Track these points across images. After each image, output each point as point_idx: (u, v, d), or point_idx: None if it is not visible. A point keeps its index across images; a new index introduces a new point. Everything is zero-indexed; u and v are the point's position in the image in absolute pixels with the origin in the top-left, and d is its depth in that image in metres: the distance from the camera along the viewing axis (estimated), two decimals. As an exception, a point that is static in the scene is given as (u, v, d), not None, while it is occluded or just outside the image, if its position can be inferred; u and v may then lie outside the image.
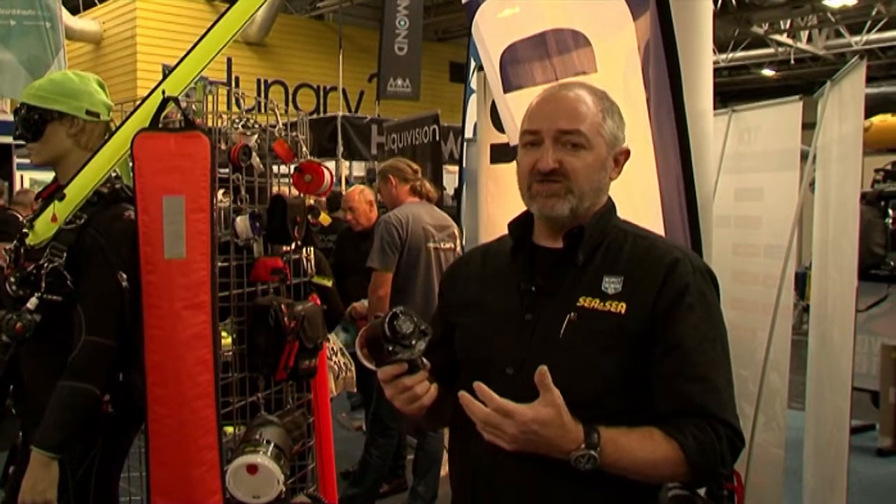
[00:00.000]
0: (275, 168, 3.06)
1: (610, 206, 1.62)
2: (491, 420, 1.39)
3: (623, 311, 1.47)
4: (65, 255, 2.20)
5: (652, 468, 1.42)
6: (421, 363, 1.47)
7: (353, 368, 4.97)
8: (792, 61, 16.10)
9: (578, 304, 1.49)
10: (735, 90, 18.58)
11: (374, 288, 4.23)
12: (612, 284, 1.49)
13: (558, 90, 1.60)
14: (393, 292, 4.20)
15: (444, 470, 4.37)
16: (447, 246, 4.38)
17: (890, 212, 5.94)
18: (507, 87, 2.83)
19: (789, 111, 3.54)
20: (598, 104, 1.56)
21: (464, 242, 4.79)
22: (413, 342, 1.44)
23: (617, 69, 2.39)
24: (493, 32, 2.87)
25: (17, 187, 9.48)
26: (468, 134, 5.83)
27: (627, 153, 1.61)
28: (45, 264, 2.18)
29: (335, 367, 4.61)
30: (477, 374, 1.54)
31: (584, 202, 1.53)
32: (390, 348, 1.44)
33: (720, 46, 15.83)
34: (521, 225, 1.63)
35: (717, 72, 15.62)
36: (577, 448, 1.37)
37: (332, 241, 5.62)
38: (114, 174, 2.36)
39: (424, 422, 1.64)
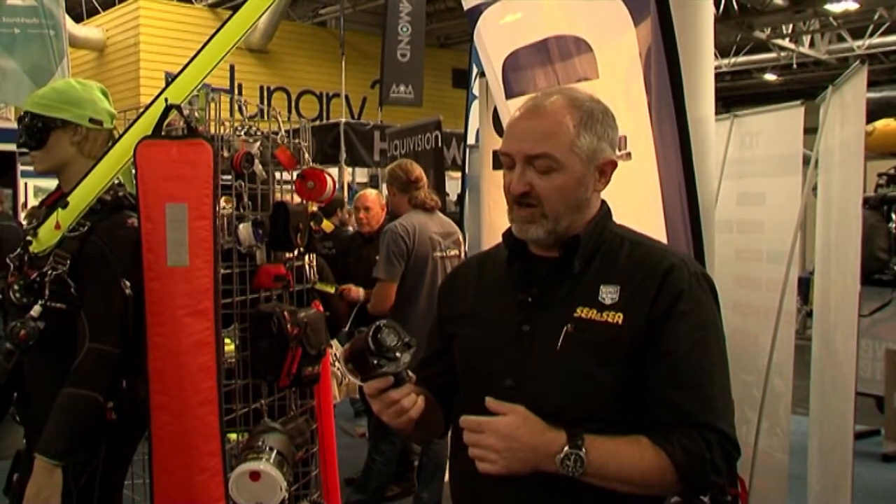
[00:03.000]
0: (277, 175, 3.07)
1: (605, 212, 1.60)
2: (470, 440, 1.40)
3: (620, 322, 1.45)
4: (68, 262, 2.20)
5: (639, 476, 1.39)
6: (406, 376, 1.46)
7: (356, 375, 4.95)
8: (794, 66, 16.12)
9: (575, 314, 1.47)
10: (738, 95, 18.58)
11: (378, 299, 4.21)
12: (608, 294, 1.47)
13: (534, 104, 1.55)
14: (398, 301, 4.19)
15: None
16: (452, 253, 4.38)
17: (893, 216, 5.93)
18: (510, 94, 2.84)
19: (791, 116, 3.55)
20: (575, 118, 1.50)
21: (467, 248, 4.80)
22: (398, 355, 1.43)
23: (618, 75, 2.39)
24: (495, 39, 2.88)
25: (22, 195, 9.51)
26: (471, 140, 5.84)
27: (614, 164, 1.56)
28: (49, 272, 2.18)
29: (338, 373, 4.61)
30: (477, 387, 1.54)
31: (560, 223, 1.51)
32: (375, 362, 1.43)
33: (722, 51, 15.84)
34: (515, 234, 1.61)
35: (720, 77, 15.66)
36: (562, 450, 1.36)
37: (328, 247, 5.62)
38: (117, 182, 2.37)
39: (414, 434, 1.63)
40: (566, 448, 1.36)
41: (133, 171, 2.35)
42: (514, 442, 1.38)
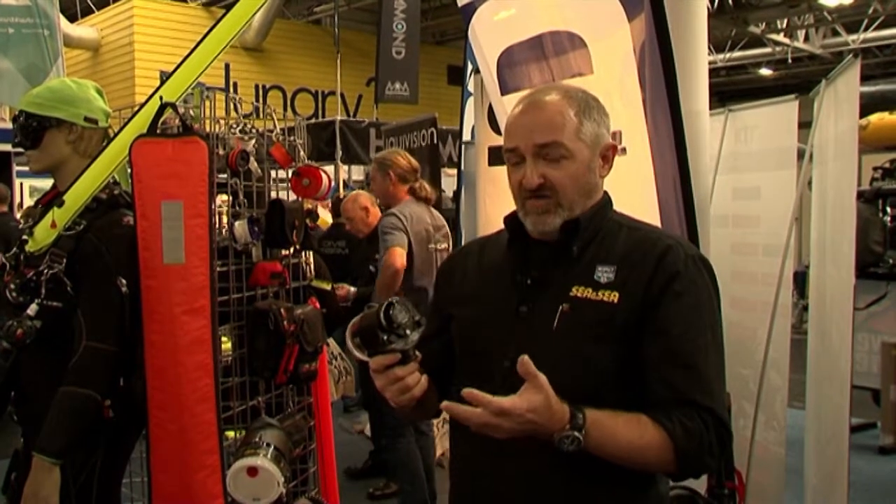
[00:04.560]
0: (273, 173, 3.07)
1: (606, 201, 1.62)
2: (490, 422, 1.39)
3: (616, 301, 1.47)
4: (64, 261, 2.20)
5: (637, 453, 1.41)
6: (413, 354, 1.48)
7: (352, 373, 4.97)
8: (789, 60, 16.13)
9: (571, 294, 1.50)
10: (733, 90, 18.61)
11: (387, 263, 4.05)
12: (604, 273, 1.50)
13: (532, 99, 1.59)
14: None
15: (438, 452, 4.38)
16: (442, 247, 4.36)
17: (888, 209, 5.95)
18: (505, 90, 2.84)
19: (785, 110, 3.55)
20: (574, 107, 1.55)
21: (462, 245, 4.79)
22: (408, 332, 1.45)
23: (613, 70, 2.40)
24: (489, 35, 2.88)
25: (17, 195, 9.49)
26: (466, 137, 5.84)
27: (615, 148, 1.61)
28: (45, 270, 2.19)
29: (335, 370, 4.61)
30: (475, 366, 1.57)
31: (574, 210, 1.54)
32: (385, 337, 1.44)
33: (717, 46, 15.86)
34: (517, 218, 1.62)
35: (715, 72, 15.67)
36: (562, 429, 1.36)
37: (341, 246, 5.63)
38: (112, 180, 2.37)
39: (413, 413, 1.65)
40: (566, 428, 1.37)
41: (128, 169, 2.35)
42: (529, 423, 1.36)
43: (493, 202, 3.49)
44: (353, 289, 4.66)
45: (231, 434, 2.76)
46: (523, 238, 1.61)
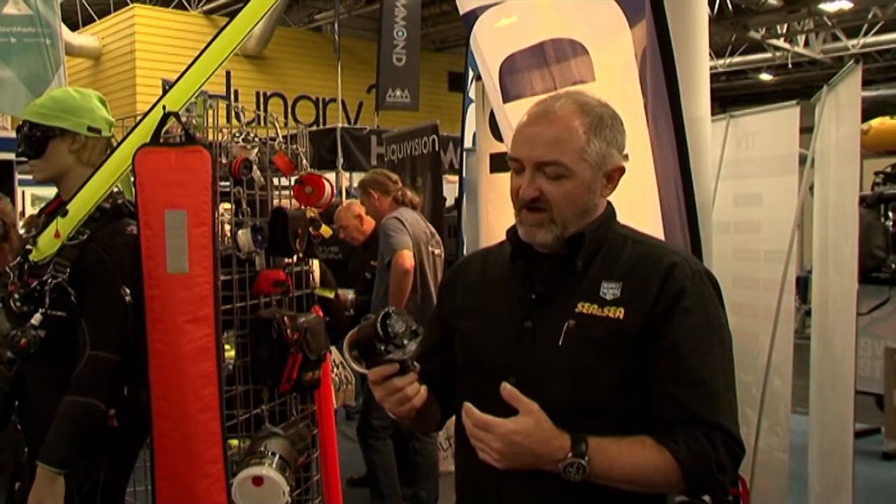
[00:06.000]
0: (275, 181, 3.07)
1: (610, 213, 1.61)
2: (474, 435, 1.40)
3: (621, 317, 1.46)
4: (68, 270, 2.20)
5: (643, 477, 1.41)
6: (412, 364, 1.47)
7: (353, 382, 4.98)
8: (790, 65, 16.15)
9: (577, 310, 1.49)
10: (734, 95, 18.63)
11: (397, 265, 4.09)
12: (610, 290, 1.48)
13: (544, 109, 1.55)
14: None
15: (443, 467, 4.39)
16: (437, 252, 4.41)
17: (890, 214, 5.94)
18: (507, 98, 2.84)
19: (787, 116, 3.56)
20: (585, 124, 1.51)
21: (464, 252, 4.81)
22: (405, 342, 1.45)
23: (615, 77, 2.40)
24: (491, 43, 2.88)
25: (19, 203, 9.50)
26: (468, 144, 5.86)
27: (622, 170, 1.57)
28: (49, 280, 2.19)
29: (336, 379, 4.62)
30: (479, 382, 1.55)
31: (568, 228, 1.52)
32: (382, 348, 1.44)
33: (718, 52, 15.88)
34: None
35: (716, 77, 15.70)
36: (565, 457, 1.37)
37: (333, 252, 5.63)
38: (116, 189, 2.37)
39: (413, 424, 1.64)
40: (569, 456, 1.37)
41: (132, 178, 2.35)
42: (518, 447, 1.38)
43: (495, 209, 3.50)
44: (350, 295, 4.67)
45: (235, 443, 2.77)
46: (527, 251, 1.59)
